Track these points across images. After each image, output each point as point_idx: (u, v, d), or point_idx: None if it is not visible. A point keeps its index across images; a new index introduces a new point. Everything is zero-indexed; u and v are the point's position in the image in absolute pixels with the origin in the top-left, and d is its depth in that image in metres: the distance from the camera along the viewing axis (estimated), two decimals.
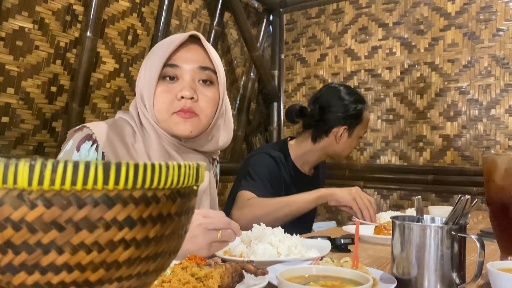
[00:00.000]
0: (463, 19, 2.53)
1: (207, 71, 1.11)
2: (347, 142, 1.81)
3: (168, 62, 1.08)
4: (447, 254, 0.80)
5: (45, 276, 0.35)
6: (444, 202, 2.52)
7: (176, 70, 1.08)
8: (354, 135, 1.81)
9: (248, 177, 1.71)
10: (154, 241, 0.39)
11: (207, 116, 1.11)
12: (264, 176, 1.72)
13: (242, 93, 3.01)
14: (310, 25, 3.08)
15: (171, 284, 0.68)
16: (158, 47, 1.13)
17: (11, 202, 0.34)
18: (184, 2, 2.51)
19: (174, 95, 1.07)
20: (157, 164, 0.37)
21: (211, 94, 1.11)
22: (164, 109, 1.08)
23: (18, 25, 1.77)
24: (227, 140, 1.22)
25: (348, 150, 1.85)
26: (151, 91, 1.08)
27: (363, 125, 1.82)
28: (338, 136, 1.80)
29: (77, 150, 1.05)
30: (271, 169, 1.75)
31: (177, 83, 1.09)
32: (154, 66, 1.08)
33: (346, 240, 1.23)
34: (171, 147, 1.12)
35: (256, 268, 0.77)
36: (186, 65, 1.08)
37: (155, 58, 1.10)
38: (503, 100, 2.41)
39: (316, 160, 1.88)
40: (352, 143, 1.83)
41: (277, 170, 1.76)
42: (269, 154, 1.78)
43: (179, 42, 1.09)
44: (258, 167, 1.73)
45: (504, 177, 0.97)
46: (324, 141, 1.81)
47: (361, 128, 1.82)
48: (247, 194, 1.64)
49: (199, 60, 1.10)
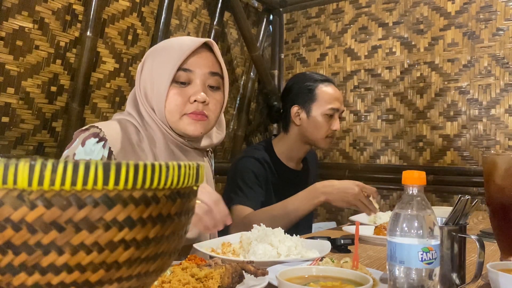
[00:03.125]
0: (463, 18, 2.52)
1: (216, 77, 1.16)
2: (311, 122, 1.78)
3: (182, 67, 1.11)
4: (447, 255, 0.80)
5: (45, 277, 0.35)
6: (444, 202, 2.52)
7: (189, 74, 1.12)
8: (314, 113, 1.77)
9: (237, 189, 1.69)
10: (154, 242, 0.39)
11: (215, 118, 1.17)
12: (253, 182, 1.71)
13: (242, 92, 3.01)
14: (310, 25, 3.08)
15: (171, 285, 0.68)
16: (168, 49, 1.14)
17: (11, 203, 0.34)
18: (184, 2, 2.50)
19: (187, 98, 1.11)
20: (157, 164, 0.37)
21: (219, 98, 1.18)
22: (176, 110, 1.11)
23: (18, 24, 1.77)
24: (221, 137, 1.29)
25: (319, 131, 1.78)
26: (163, 93, 1.10)
27: (321, 102, 1.78)
28: (295, 115, 1.81)
29: (82, 145, 1.07)
30: (258, 172, 1.74)
31: (189, 86, 1.12)
32: (166, 69, 1.10)
33: (346, 241, 1.23)
34: (175, 146, 1.16)
35: (256, 269, 0.77)
36: (199, 70, 1.13)
37: (166, 61, 1.11)
38: (503, 100, 2.41)
39: (298, 153, 1.86)
40: (318, 123, 1.77)
41: (263, 171, 1.76)
42: (253, 157, 1.78)
43: (194, 47, 1.12)
44: (245, 174, 1.72)
45: (504, 177, 0.97)
46: (292, 129, 1.83)
47: (319, 106, 1.77)
48: (242, 210, 1.62)
49: (210, 66, 1.15)
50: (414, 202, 0.69)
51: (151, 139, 1.13)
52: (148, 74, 1.14)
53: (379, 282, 0.82)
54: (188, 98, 1.11)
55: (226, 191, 1.76)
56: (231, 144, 2.96)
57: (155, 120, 1.13)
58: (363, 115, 2.84)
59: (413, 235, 0.67)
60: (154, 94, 1.12)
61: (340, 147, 2.92)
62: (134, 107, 1.17)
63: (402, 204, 0.70)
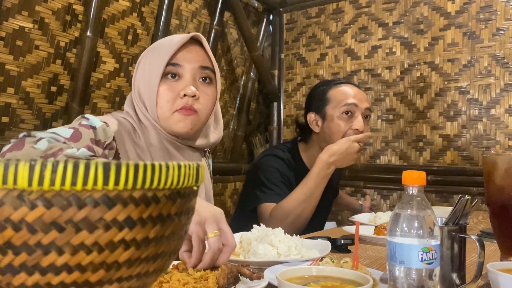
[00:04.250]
0: (463, 18, 2.52)
1: (207, 71, 1.15)
2: (328, 125, 1.70)
3: (171, 62, 1.10)
4: (447, 255, 0.80)
5: (45, 277, 0.35)
6: (444, 202, 2.52)
7: (178, 69, 1.11)
8: (329, 116, 1.69)
9: (262, 187, 1.64)
10: (154, 242, 0.39)
11: (205, 114, 1.15)
12: (278, 180, 1.66)
13: (242, 93, 3.01)
14: (310, 25, 3.08)
15: (170, 285, 0.68)
16: (158, 47, 1.15)
17: (11, 203, 0.34)
18: (184, 2, 2.50)
19: (177, 93, 1.11)
20: (157, 164, 0.37)
21: (210, 93, 1.16)
22: (167, 106, 1.11)
23: (18, 24, 1.77)
24: (218, 137, 1.27)
25: (336, 134, 1.68)
26: (153, 89, 1.10)
27: (334, 102, 1.70)
28: (312, 123, 1.74)
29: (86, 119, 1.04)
30: (282, 171, 1.69)
31: (179, 81, 1.12)
32: (156, 65, 1.10)
33: (346, 241, 1.23)
34: (170, 144, 1.15)
35: (252, 272, 0.77)
36: (188, 64, 1.12)
37: (156, 58, 1.12)
38: (503, 99, 2.41)
39: None
40: (335, 125, 1.68)
41: (287, 171, 1.71)
42: (277, 155, 1.73)
43: (182, 42, 1.11)
44: (269, 173, 1.67)
45: (504, 177, 0.97)
46: (313, 137, 1.78)
47: (333, 107, 1.69)
48: (268, 207, 1.58)
49: (200, 60, 1.14)
50: (414, 202, 0.69)
51: (146, 137, 1.13)
52: (141, 73, 1.15)
53: (379, 282, 0.82)
54: (178, 93, 1.10)
55: (248, 189, 1.72)
56: (231, 144, 2.96)
57: (148, 119, 1.13)
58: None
59: (413, 235, 0.67)
60: (146, 91, 1.12)
61: None
62: (131, 107, 1.17)
63: (402, 204, 0.70)
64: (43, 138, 0.86)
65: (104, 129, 1.03)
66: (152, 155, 1.12)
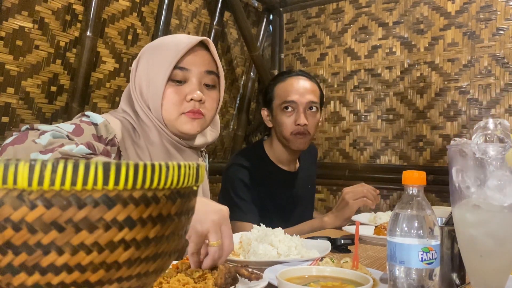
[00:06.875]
0: (463, 18, 2.52)
1: (212, 75, 1.16)
2: (275, 120, 1.76)
3: (178, 65, 1.10)
4: (447, 255, 0.80)
5: (45, 277, 0.35)
6: (444, 202, 2.52)
7: (185, 73, 1.11)
8: (275, 111, 1.75)
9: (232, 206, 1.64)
10: (154, 242, 0.39)
11: (210, 116, 1.17)
12: (244, 193, 1.69)
13: (242, 92, 3.01)
14: (310, 25, 3.08)
15: (170, 285, 0.69)
16: (162, 47, 1.14)
17: (11, 203, 0.34)
18: (184, 2, 2.50)
19: (183, 97, 1.11)
20: (157, 164, 0.37)
21: (215, 96, 1.18)
22: (174, 109, 1.11)
23: (18, 24, 1.77)
24: (216, 135, 1.29)
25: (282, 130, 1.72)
26: (159, 92, 1.10)
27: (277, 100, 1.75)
28: (266, 119, 1.82)
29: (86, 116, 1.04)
30: (246, 180, 1.71)
31: (185, 85, 1.12)
32: (162, 67, 1.10)
33: (346, 241, 1.23)
34: (170, 144, 1.15)
35: (250, 273, 0.77)
36: (195, 68, 1.12)
37: (162, 59, 1.11)
38: (503, 99, 2.41)
39: (284, 154, 1.81)
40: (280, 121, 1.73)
41: (253, 178, 1.72)
42: (240, 164, 1.74)
43: (190, 46, 1.11)
44: (235, 186, 1.70)
45: None
46: (271, 131, 1.83)
47: (277, 103, 1.74)
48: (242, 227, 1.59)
49: (206, 64, 1.14)
50: (414, 202, 0.69)
51: (146, 137, 1.13)
52: (144, 72, 1.13)
53: (379, 282, 0.82)
54: (184, 96, 1.11)
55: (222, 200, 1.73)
56: (231, 144, 2.96)
57: (151, 119, 1.12)
58: (363, 115, 2.84)
59: (413, 235, 0.67)
60: (150, 92, 1.11)
61: (340, 147, 2.92)
62: (129, 105, 1.16)
63: (402, 204, 0.70)
64: (46, 132, 0.85)
65: (106, 125, 1.03)
66: (151, 155, 1.12)
